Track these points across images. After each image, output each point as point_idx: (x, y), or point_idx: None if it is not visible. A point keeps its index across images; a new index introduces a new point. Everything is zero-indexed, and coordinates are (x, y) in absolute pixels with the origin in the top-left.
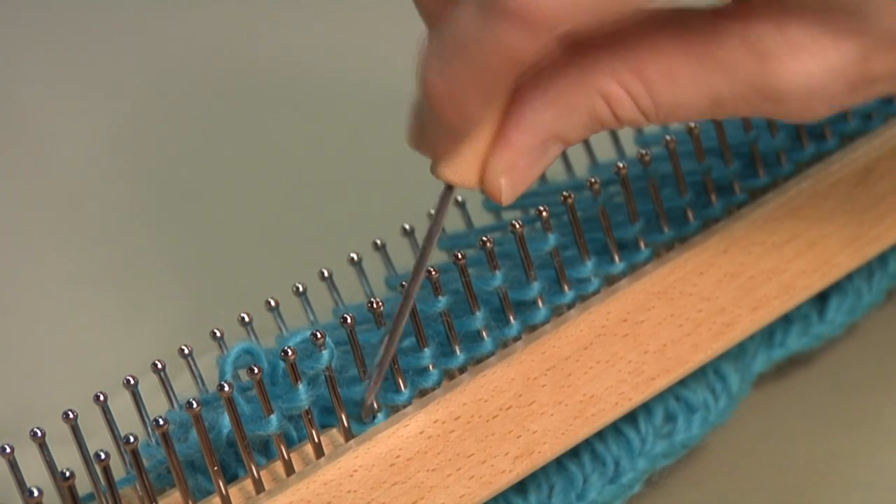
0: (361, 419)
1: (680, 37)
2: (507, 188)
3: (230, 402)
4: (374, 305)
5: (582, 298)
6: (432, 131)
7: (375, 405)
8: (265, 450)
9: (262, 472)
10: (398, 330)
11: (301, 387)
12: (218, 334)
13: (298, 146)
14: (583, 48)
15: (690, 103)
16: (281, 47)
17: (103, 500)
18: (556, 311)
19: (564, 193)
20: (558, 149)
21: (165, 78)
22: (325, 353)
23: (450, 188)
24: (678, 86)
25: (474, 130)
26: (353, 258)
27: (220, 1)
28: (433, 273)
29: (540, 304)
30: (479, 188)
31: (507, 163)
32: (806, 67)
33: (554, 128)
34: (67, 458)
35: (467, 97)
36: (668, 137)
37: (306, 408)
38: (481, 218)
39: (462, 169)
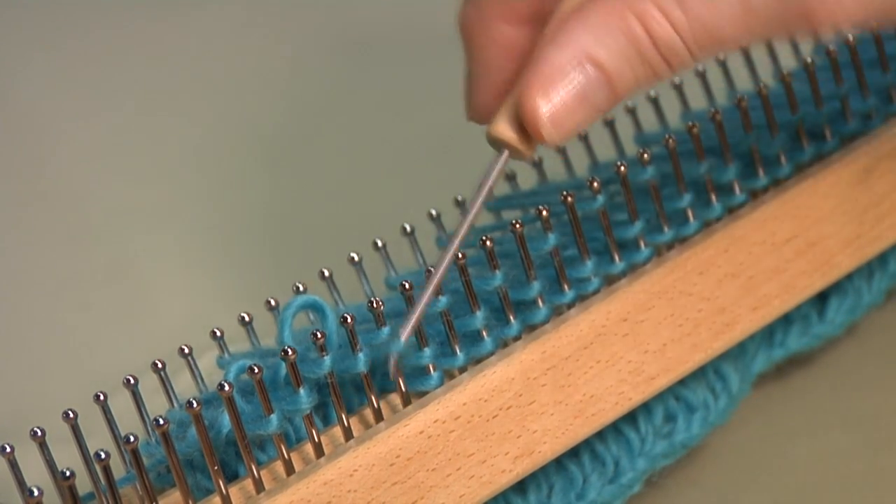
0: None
1: None
2: (549, 119)
3: (230, 402)
4: (374, 305)
5: (582, 298)
6: (470, 76)
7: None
8: (264, 448)
9: (262, 472)
10: (437, 282)
11: (302, 391)
12: (218, 334)
13: (298, 146)
14: None
15: (724, 21)
16: (278, 49)
17: (103, 499)
18: (557, 311)
19: (564, 193)
20: (595, 74)
21: (165, 78)
22: (327, 358)
23: (500, 153)
24: (713, 3)
25: (513, 89)
26: (353, 258)
27: (220, 5)
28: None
29: (540, 303)
30: (524, 146)
31: (543, 80)
32: None
33: (590, 48)
34: (67, 457)
35: (493, 17)
36: (668, 137)
37: (308, 412)
38: (481, 218)
39: (505, 124)
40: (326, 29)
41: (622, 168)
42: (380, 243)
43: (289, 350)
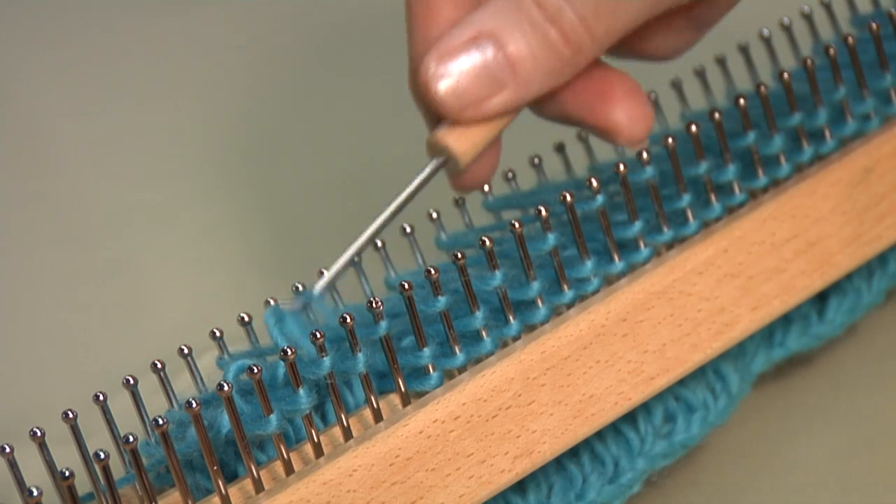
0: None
1: None
2: (442, 78)
3: (229, 402)
4: (374, 305)
5: (581, 298)
6: (412, 56)
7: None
8: (264, 448)
9: (261, 472)
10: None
11: (301, 391)
12: (218, 334)
13: (298, 146)
14: None
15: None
16: (279, 49)
17: (103, 499)
18: (556, 311)
19: (564, 193)
20: (495, 53)
21: (166, 77)
22: (327, 359)
23: (435, 160)
24: None
25: None
26: (352, 258)
27: (220, 3)
28: (433, 273)
29: (539, 303)
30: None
31: (442, 50)
32: None
33: (485, 23)
34: (67, 457)
35: None
36: (667, 137)
37: (307, 412)
38: (481, 218)
39: (443, 130)
40: (326, 28)
41: (622, 168)
42: (380, 243)
43: (288, 350)
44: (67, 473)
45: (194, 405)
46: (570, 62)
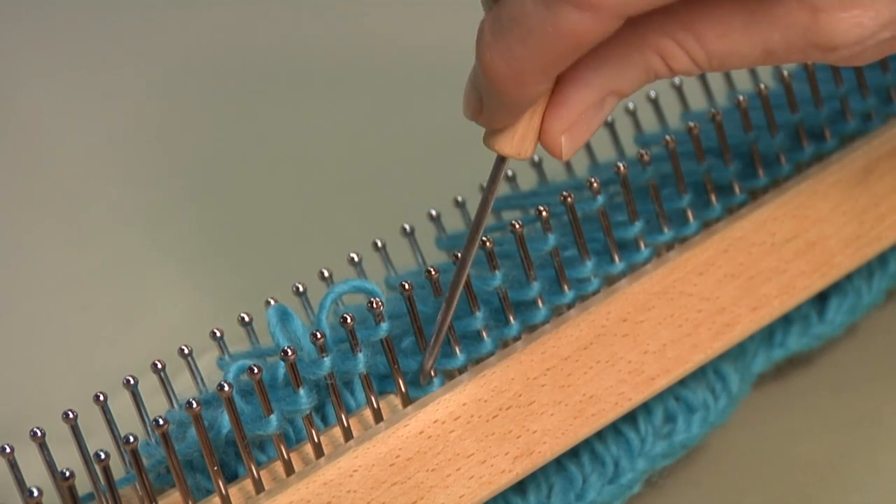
0: (419, 384)
1: None
2: (567, 144)
3: (230, 402)
4: (374, 305)
5: (582, 298)
6: (491, 106)
7: (433, 372)
8: (264, 449)
9: (261, 472)
10: (454, 298)
11: (302, 391)
12: (218, 334)
13: (299, 146)
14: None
15: (743, 54)
16: (279, 48)
17: (103, 499)
18: (556, 311)
19: (564, 193)
20: (615, 102)
21: (166, 78)
22: (327, 359)
23: (502, 159)
24: (731, 40)
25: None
26: (353, 258)
27: (220, 3)
28: (433, 273)
29: (540, 303)
30: (530, 156)
31: (567, 121)
32: (858, 20)
33: (610, 84)
34: (67, 457)
35: (529, 78)
36: (668, 137)
37: (307, 413)
38: None
39: (517, 141)
40: (327, 28)
41: (622, 168)
42: (380, 243)
43: (288, 350)
44: (68, 473)
45: (195, 405)
46: None
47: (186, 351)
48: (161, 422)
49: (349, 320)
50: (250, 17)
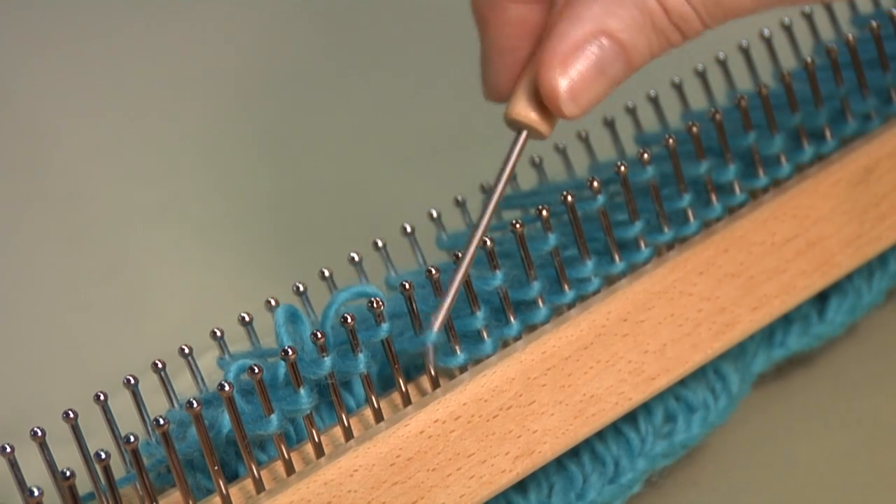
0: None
1: None
2: (567, 92)
3: (230, 402)
4: (374, 305)
5: (582, 298)
6: (483, 57)
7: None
8: (264, 448)
9: (262, 472)
10: (472, 247)
11: (302, 391)
12: (218, 334)
13: (298, 146)
14: None
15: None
16: (278, 48)
17: (103, 499)
18: (557, 311)
19: (564, 193)
20: (613, 48)
21: (166, 77)
22: (328, 359)
23: (519, 134)
24: None
25: (528, 66)
26: (353, 258)
27: (220, 3)
28: (433, 273)
29: (540, 303)
30: (543, 125)
31: (560, 56)
32: None
33: (604, 21)
34: (67, 457)
35: None
36: (668, 137)
37: (308, 412)
38: None
39: (523, 104)
40: (327, 27)
41: (622, 168)
42: (380, 243)
43: (289, 350)
44: (68, 473)
45: (195, 405)
46: (677, 44)
47: (187, 351)
48: (161, 421)
49: (349, 320)
50: (250, 17)
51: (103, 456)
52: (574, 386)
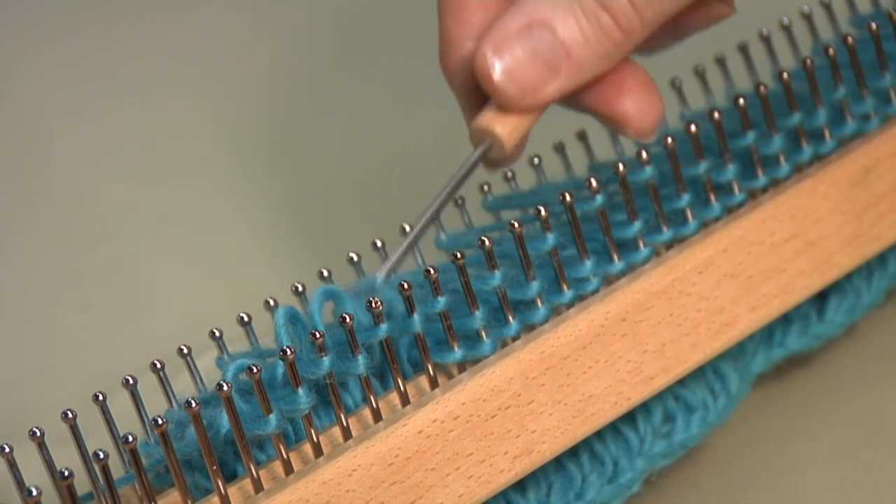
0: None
1: None
2: (502, 70)
3: (229, 402)
4: (374, 305)
5: (581, 298)
6: (445, 49)
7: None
8: (263, 448)
9: (260, 472)
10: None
11: (301, 391)
12: (218, 334)
13: (298, 146)
14: None
15: None
16: (278, 49)
17: (102, 499)
18: (555, 311)
19: (563, 193)
20: (549, 38)
21: (165, 77)
22: (326, 359)
23: (480, 143)
24: None
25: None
26: (352, 258)
27: (219, 3)
28: (433, 273)
29: (539, 303)
30: (505, 132)
31: (496, 39)
32: None
33: (538, 11)
34: (67, 457)
35: None
36: (667, 137)
37: (306, 412)
38: (481, 218)
39: (486, 116)
40: (328, 28)
41: (621, 168)
42: (380, 243)
43: (287, 350)
44: (67, 473)
45: (193, 405)
46: (620, 46)
47: (186, 351)
48: (160, 421)
49: (348, 320)
50: (250, 17)
51: (102, 456)
52: (573, 386)
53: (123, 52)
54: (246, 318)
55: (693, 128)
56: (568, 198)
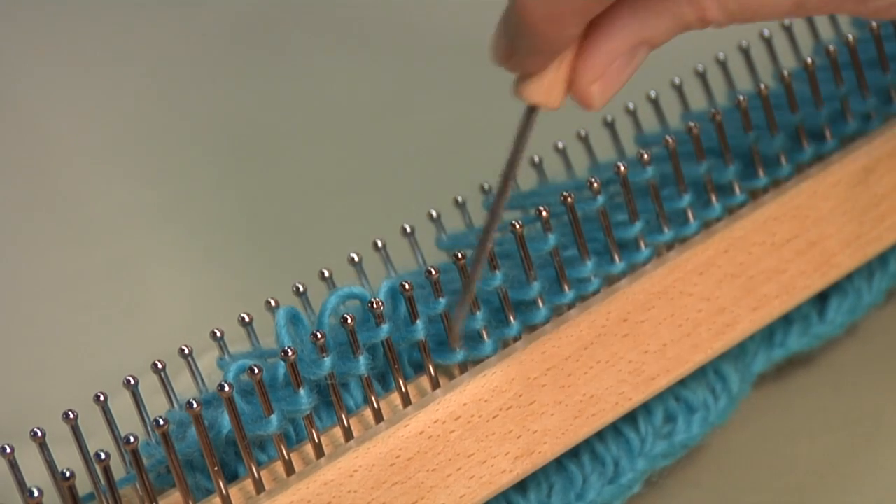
0: (449, 348)
1: None
2: (599, 94)
3: (230, 402)
4: (374, 306)
5: (582, 298)
6: (523, 49)
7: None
8: (264, 448)
9: (262, 472)
10: (482, 258)
11: (302, 391)
12: (218, 334)
13: (299, 146)
14: None
15: (774, 4)
16: (278, 49)
17: (103, 499)
18: (557, 311)
19: (564, 193)
20: (646, 52)
21: (166, 77)
22: (327, 359)
23: (532, 110)
24: None
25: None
26: (353, 258)
27: (219, 3)
28: (433, 273)
29: (540, 303)
30: (559, 106)
31: (598, 70)
32: None
33: (642, 33)
34: (67, 458)
35: (564, 18)
36: (668, 137)
37: (308, 413)
38: (481, 218)
39: (546, 90)
40: (328, 28)
41: (622, 168)
42: (380, 243)
43: (288, 351)
44: (68, 474)
45: (195, 405)
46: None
47: (186, 351)
48: (161, 422)
49: (349, 321)
50: (251, 17)
51: (103, 456)
52: (574, 386)
53: (124, 53)
54: (247, 319)
55: (694, 128)
56: (569, 198)
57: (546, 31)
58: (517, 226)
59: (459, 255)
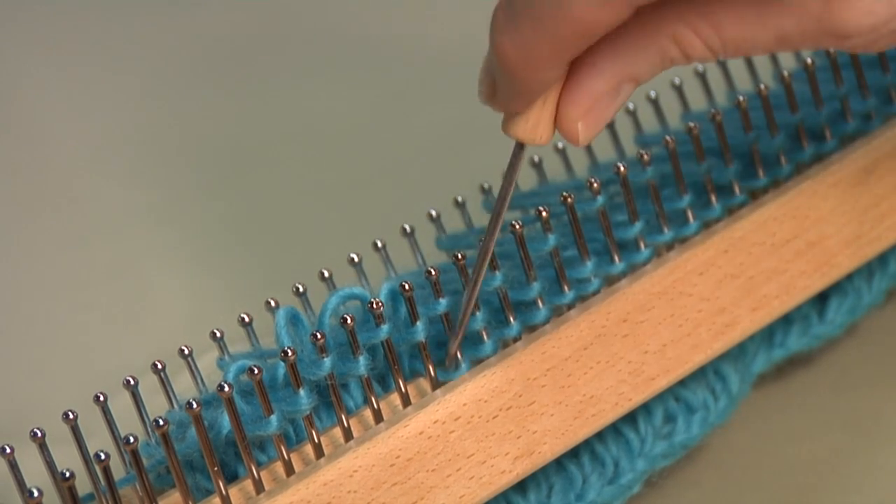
0: (444, 369)
1: None
2: (584, 131)
3: (230, 403)
4: (374, 306)
5: (582, 299)
6: (504, 91)
7: (459, 355)
8: (264, 449)
9: (261, 472)
10: (478, 283)
11: (302, 392)
12: (218, 334)
13: (299, 146)
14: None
15: (757, 40)
16: (278, 49)
17: (103, 500)
18: (556, 312)
19: (564, 193)
20: (631, 88)
21: (166, 77)
22: (327, 360)
23: (521, 146)
24: (745, 26)
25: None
26: (352, 258)
27: (219, 3)
28: (433, 273)
29: (540, 304)
30: (547, 143)
31: (584, 108)
32: (870, 8)
33: (625, 71)
34: (67, 458)
35: (540, 63)
36: (668, 138)
37: (307, 413)
38: (481, 218)
39: (532, 126)
40: (327, 27)
41: (622, 169)
42: (380, 243)
43: (288, 351)
44: (68, 474)
45: (195, 406)
46: None
47: (186, 351)
48: (161, 422)
49: (349, 321)
50: (251, 17)
51: (103, 457)
52: (574, 386)
53: (123, 53)
54: (247, 319)
55: (694, 129)
56: (569, 199)
57: (523, 75)
58: (517, 226)
59: (459, 256)
